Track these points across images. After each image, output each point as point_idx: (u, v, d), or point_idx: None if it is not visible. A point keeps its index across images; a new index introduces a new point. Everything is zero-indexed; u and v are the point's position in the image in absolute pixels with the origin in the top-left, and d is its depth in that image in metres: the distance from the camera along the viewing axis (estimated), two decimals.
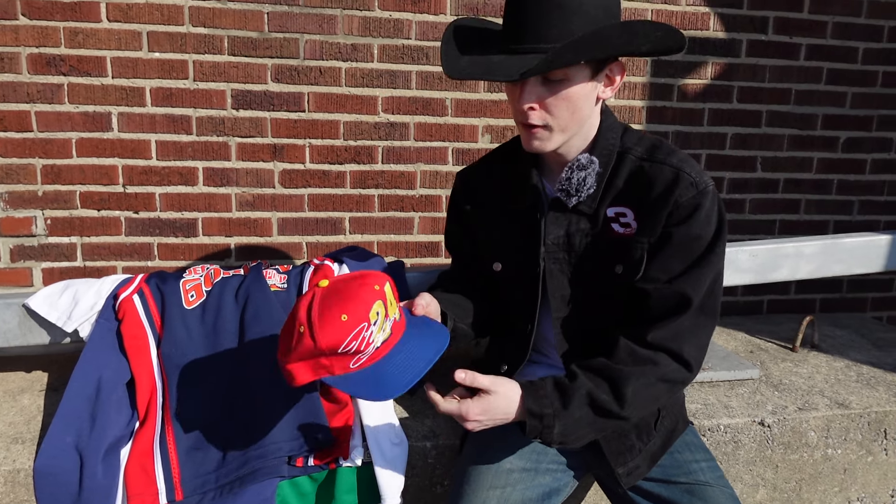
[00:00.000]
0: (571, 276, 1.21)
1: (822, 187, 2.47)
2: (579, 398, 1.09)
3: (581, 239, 1.19)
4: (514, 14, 1.07)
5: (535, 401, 1.08)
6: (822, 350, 2.05)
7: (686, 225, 1.11)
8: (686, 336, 1.13)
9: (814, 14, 2.31)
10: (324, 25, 2.03)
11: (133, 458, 1.36)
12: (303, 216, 2.16)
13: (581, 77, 1.07)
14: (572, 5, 1.03)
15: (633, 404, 1.10)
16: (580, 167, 1.15)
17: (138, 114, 2.00)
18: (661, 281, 1.13)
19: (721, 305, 2.42)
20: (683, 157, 1.15)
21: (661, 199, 1.12)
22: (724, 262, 1.18)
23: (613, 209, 1.17)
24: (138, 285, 1.57)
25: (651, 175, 1.13)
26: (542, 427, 1.07)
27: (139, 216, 2.07)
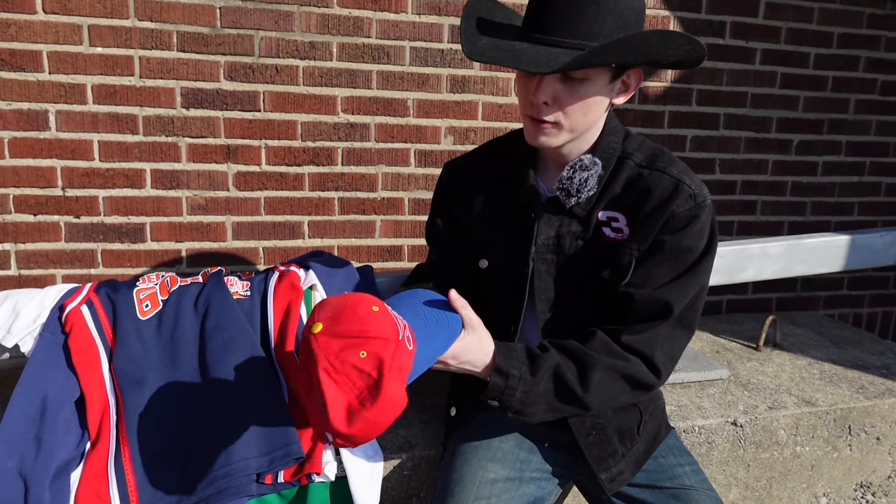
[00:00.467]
0: (558, 278, 1.17)
1: (776, 189, 2.52)
2: (546, 370, 1.07)
3: (571, 241, 1.16)
4: (545, 2, 1.01)
5: (506, 359, 1.06)
6: (785, 349, 2.09)
7: (679, 235, 1.09)
8: (660, 343, 1.11)
9: (768, 19, 2.36)
10: (280, 22, 1.94)
11: (85, 481, 1.25)
12: (259, 220, 2.06)
13: (601, 80, 1.03)
14: (609, 4, 0.98)
15: (595, 392, 1.08)
16: (583, 168, 1.12)
17: (79, 112, 1.86)
18: (646, 287, 1.11)
19: None
20: (684, 167, 1.13)
21: (658, 208, 1.09)
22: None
23: (606, 213, 1.14)
24: (87, 295, 1.44)
25: (650, 183, 1.11)
26: (505, 387, 1.05)
27: (80, 221, 1.93)
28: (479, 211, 1.25)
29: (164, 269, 2.01)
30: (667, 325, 1.11)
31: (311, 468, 1.29)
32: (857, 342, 2.17)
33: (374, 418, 0.85)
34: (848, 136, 2.53)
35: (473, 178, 1.26)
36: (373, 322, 0.88)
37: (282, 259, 2.10)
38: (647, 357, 1.10)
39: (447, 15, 2.06)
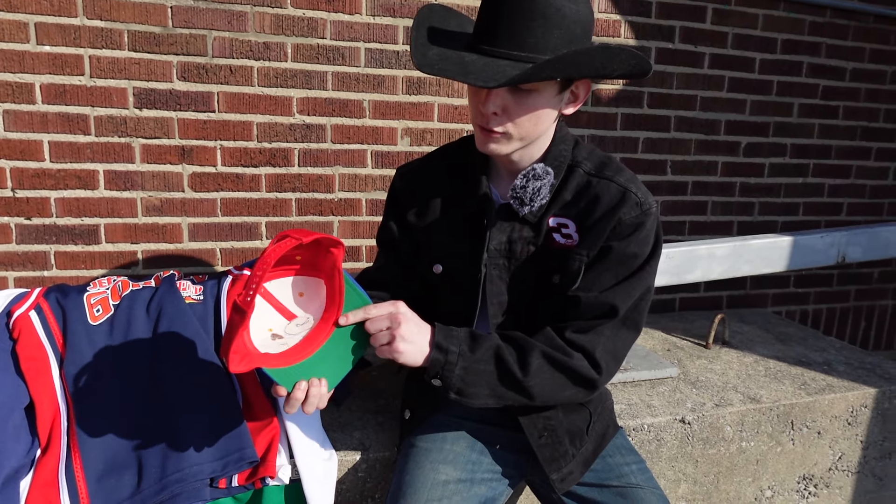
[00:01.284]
0: (510, 283, 1.20)
1: (726, 190, 2.60)
2: (487, 349, 1.10)
3: (523, 247, 1.19)
4: (494, 14, 1.03)
5: (445, 337, 1.09)
6: (733, 346, 2.16)
7: (626, 242, 1.13)
8: (602, 341, 1.14)
9: (716, 25, 2.43)
10: (233, 22, 1.93)
11: (35, 489, 1.23)
12: (216, 221, 2.04)
13: (549, 92, 1.06)
14: (556, 18, 1.00)
15: (534, 377, 1.10)
16: (536, 177, 1.14)
17: (27, 112, 1.82)
18: (593, 291, 1.15)
19: None
20: (630, 176, 1.17)
21: (606, 216, 1.13)
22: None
23: (556, 220, 1.17)
24: (35, 300, 1.42)
25: (598, 191, 1.14)
26: (445, 362, 1.07)
27: (32, 223, 1.89)
28: (432, 216, 1.26)
29: (121, 271, 1.98)
30: (611, 325, 1.15)
31: (265, 472, 1.30)
32: (801, 339, 2.26)
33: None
34: (792, 138, 2.63)
35: (426, 184, 1.28)
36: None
37: (239, 260, 2.08)
38: (589, 352, 1.13)
39: (402, 17, 2.07)
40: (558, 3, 1.00)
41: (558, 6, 1.00)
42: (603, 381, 1.17)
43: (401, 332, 1.05)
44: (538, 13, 0.99)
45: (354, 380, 1.71)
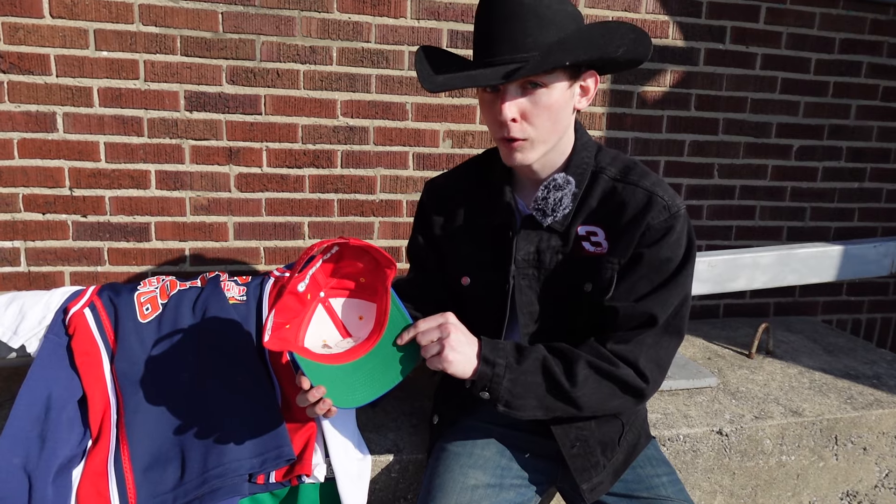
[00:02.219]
0: (540, 293, 1.21)
1: (775, 194, 2.53)
2: (534, 360, 1.11)
3: (551, 256, 1.19)
4: (489, 26, 1.06)
5: (492, 350, 1.10)
6: (777, 356, 2.11)
7: (657, 247, 1.12)
8: (645, 350, 1.14)
9: (769, 24, 2.36)
10: (281, 27, 1.97)
11: (86, 478, 1.30)
12: (260, 220, 2.10)
13: (560, 86, 1.07)
14: (548, 15, 1.02)
15: (582, 388, 1.10)
16: (556, 187, 1.15)
17: (85, 114, 1.91)
18: (629, 300, 1.14)
19: None
20: (656, 179, 1.16)
21: (633, 221, 1.12)
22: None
23: (585, 228, 1.16)
24: (90, 298, 1.50)
25: (624, 196, 1.14)
26: (493, 374, 1.08)
27: (88, 220, 1.98)
28: (459, 229, 1.28)
29: (169, 267, 2.06)
30: (652, 334, 1.13)
31: (302, 470, 1.34)
32: (850, 350, 2.19)
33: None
34: (848, 141, 2.53)
35: (453, 197, 1.30)
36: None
37: (282, 259, 2.14)
38: (632, 363, 1.13)
39: (446, 20, 2.08)
40: (542, 6, 1.02)
41: (548, 3, 1.02)
42: (650, 391, 1.16)
43: (450, 341, 1.07)
44: (530, 13, 1.02)
45: None
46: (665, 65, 2.31)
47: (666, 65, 2.31)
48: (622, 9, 2.22)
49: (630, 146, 2.34)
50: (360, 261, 1.18)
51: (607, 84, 2.27)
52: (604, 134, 2.31)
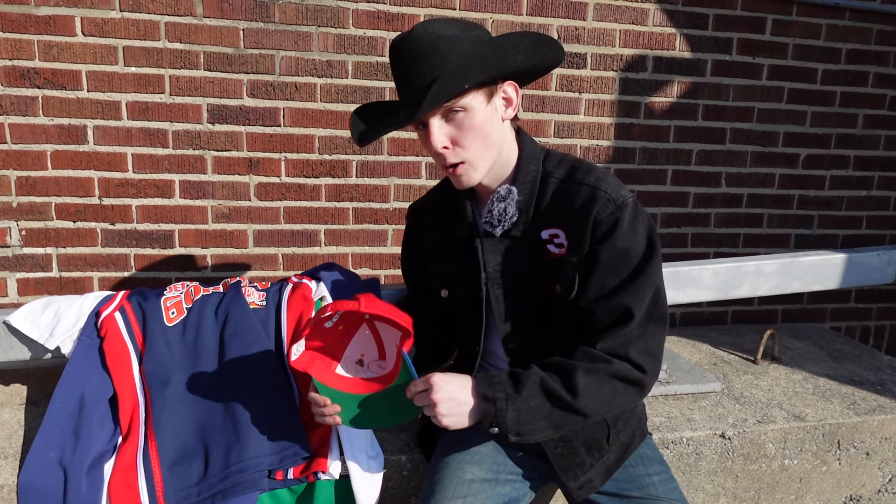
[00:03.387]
0: (516, 298, 1.26)
1: (783, 202, 2.57)
2: (532, 385, 1.12)
3: (520, 263, 1.24)
4: (400, 74, 1.14)
5: (489, 386, 1.12)
6: (782, 362, 2.14)
7: (611, 240, 1.15)
8: (634, 342, 1.15)
9: (776, 36, 2.40)
10: (299, 42, 2.06)
11: (117, 472, 1.38)
12: (278, 228, 2.18)
13: (478, 105, 1.13)
14: (446, 47, 1.09)
15: (585, 396, 1.12)
16: (500, 199, 1.21)
17: (114, 127, 2.00)
18: (602, 296, 1.17)
19: (687, 317, 2.50)
20: (601, 174, 1.19)
21: (582, 218, 1.16)
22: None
23: (547, 231, 1.21)
24: (120, 303, 1.58)
25: (571, 195, 1.19)
26: (496, 411, 1.10)
27: (115, 228, 2.08)
28: (434, 246, 1.37)
29: (191, 273, 2.15)
30: (637, 325, 1.15)
31: (318, 467, 1.41)
32: (856, 357, 2.22)
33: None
34: (856, 150, 2.56)
35: (428, 217, 1.39)
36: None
37: (299, 265, 2.22)
38: (624, 357, 1.15)
39: None
40: (444, 38, 1.09)
41: (444, 40, 1.09)
42: (649, 379, 1.17)
43: (439, 406, 1.11)
44: (430, 51, 1.09)
45: None
46: (672, 76, 2.36)
47: (673, 76, 2.36)
48: (629, 22, 2.28)
49: (638, 155, 2.39)
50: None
51: (615, 95, 2.33)
52: (612, 144, 2.36)
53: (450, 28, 1.11)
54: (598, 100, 2.32)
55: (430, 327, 1.44)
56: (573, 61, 2.27)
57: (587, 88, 2.30)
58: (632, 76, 2.33)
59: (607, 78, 2.31)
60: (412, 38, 1.11)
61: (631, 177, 2.41)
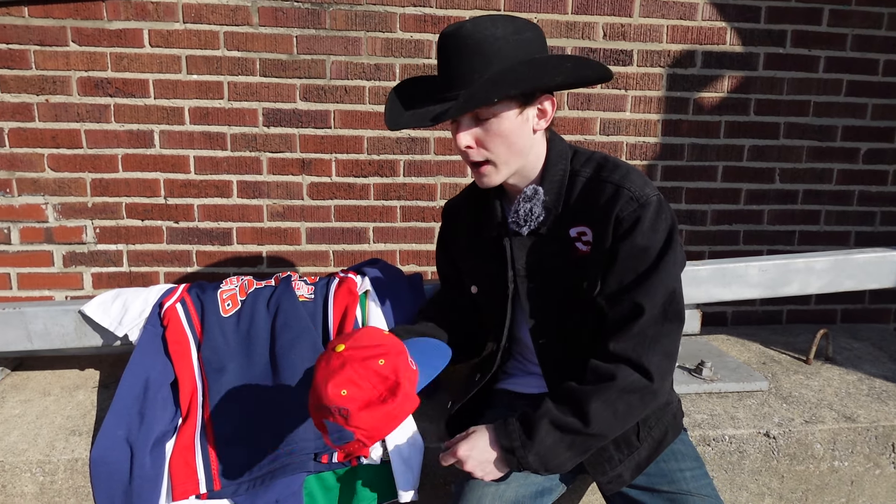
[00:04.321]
0: (543, 294, 1.29)
1: (842, 198, 2.48)
2: (543, 426, 1.16)
3: (549, 259, 1.27)
4: (443, 65, 1.18)
5: (505, 436, 1.18)
6: (837, 363, 2.08)
7: (631, 237, 1.16)
8: (648, 344, 1.16)
9: (833, 27, 2.33)
10: (349, 47, 2.14)
11: (176, 451, 1.49)
12: (329, 226, 2.28)
13: (508, 112, 1.15)
14: (489, 51, 1.11)
15: (598, 421, 1.15)
16: (526, 199, 1.24)
17: (178, 131, 2.14)
18: (616, 293, 1.18)
19: (739, 316, 2.45)
20: (626, 172, 1.20)
21: (606, 215, 1.18)
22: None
23: (575, 229, 1.23)
24: (181, 295, 1.70)
25: (597, 192, 1.20)
26: (517, 459, 1.17)
27: (179, 226, 2.21)
28: (465, 243, 1.41)
29: (247, 268, 2.26)
30: (652, 325, 1.16)
31: (360, 451, 1.47)
32: None
33: (393, 412, 1.04)
34: None
35: (461, 215, 1.43)
36: (388, 339, 1.11)
37: (349, 261, 2.31)
38: (636, 362, 1.16)
39: None
40: (490, 39, 1.10)
41: (489, 42, 1.10)
42: (659, 383, 1.17)
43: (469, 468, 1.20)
44: (474, 51, 1.11)
45: (443, 376, 1.86)
46: (722, 70, 2.32)
47: (723, 70, 2.32)
48: (677, 17, 2.26)
49: (686, 152, 2.37)
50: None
51: (661, 91, 2.31)
52: (659, 140, 2.35)
53: (501, 27, 1.13)
54: (645, 96, 2.31)
55: (461, 321, 1.48)
56: (619, 58, 2.27)
57: (633, 85, 2.29)
58: (680, 72, 2.31)
59: (654, 74, 2.30)
60: (460, 34, 1.13)
61: (679, 173, 2.38)
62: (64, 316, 1.69)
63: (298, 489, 1.45)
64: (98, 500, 1.42)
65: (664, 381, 1.19)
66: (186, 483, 1.44)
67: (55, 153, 2.10)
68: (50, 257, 2.17)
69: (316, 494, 1.49)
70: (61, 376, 1.89)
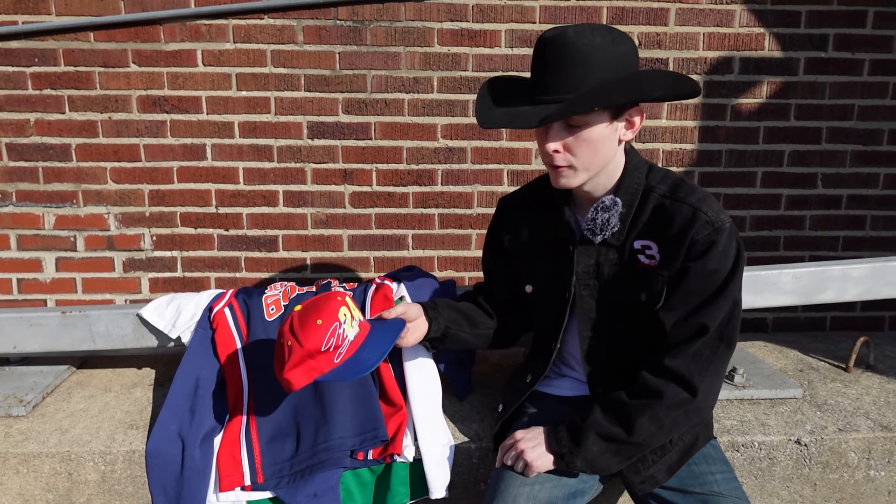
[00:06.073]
0: (599, 301, 1.33)
1: (889, 203, 2.43)
2: (590, 435, 1.25)
3: (610, 268, 1.31)
4: (539, 69, 1.22)
5: (555, 442, 1.28)
6: (879, 371, 2.05)
7: (703, 260, 1.21)
8: (701, 364, 1.22)
9: (878, 29, 2.29)
10: (389, 62, 2.23)
11: (224, 445, 1.59)
12: (370, 233, 2.37)
13: (600, 121, 1.20)
14: (590, 61, 1.16)
15: (642, 432, 1.23)
16: (604, 209, 1.28)
17: (228, 145, 2.27)
18: (681, 312, 1.24)
19: (779, 322, 2.43)
20: (702, 196, 1.24)
21: (679, 236, 1.22)
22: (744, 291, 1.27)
23: (640, 242, 1.28)
24: (229, 300, 1.81)
25: (672, 212, 1.24)
26: (565, 463, 1.27)
27: (229, 233, 2.34)
28: (524, 242, 1.44)
29: (293, 274, 2.38)
30: (708, 345, 1.22)
31: (394, 449, 1.55)
32: None
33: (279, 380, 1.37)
34: None
35: (521, 213, 1.46)
36: (306, 330, 1.30)
37: (389, 267, 2.39)
38: (686, 379, 1.22)
39: None
40: (590, 48, 1.14)
41: (590, 51, 1.14)
42: (704, 401, 1.25)
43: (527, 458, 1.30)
44: (577, 57, 1.15)
45: (476, 378, 1.92)
46: (761, 76, 2.31)
47: (762, 76, 2.31)
48: (714, 24, 2.27)
49: (724, 158, 2.37)
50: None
51: (699, 98, 2.31)
52: (696, 147, 2.35)
53: (600, 37, 1.16)
54: (681, 103, 2.32)
55: (491, 315, 1.54)
56: (654, 66, 2.29)
57: None
58: (717, 78, 2.31)
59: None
60: (562, 42, 1.16)
61: (717, 180, 2.38)
62: (124, 319, 1.83)
63: (336, 484, 1.53)
64: (153, 489, 1.54)
65: (709, 399, 1.26)
66: (233, 475, 1.54)
67: (117, 166, 2.26)
68: (111, 263, 2.33)
69: (352, 489, 1.57)
70: (121, 374, 2.03)
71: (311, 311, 1.32)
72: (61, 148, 2.24)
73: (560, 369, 1.51)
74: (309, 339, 1.29)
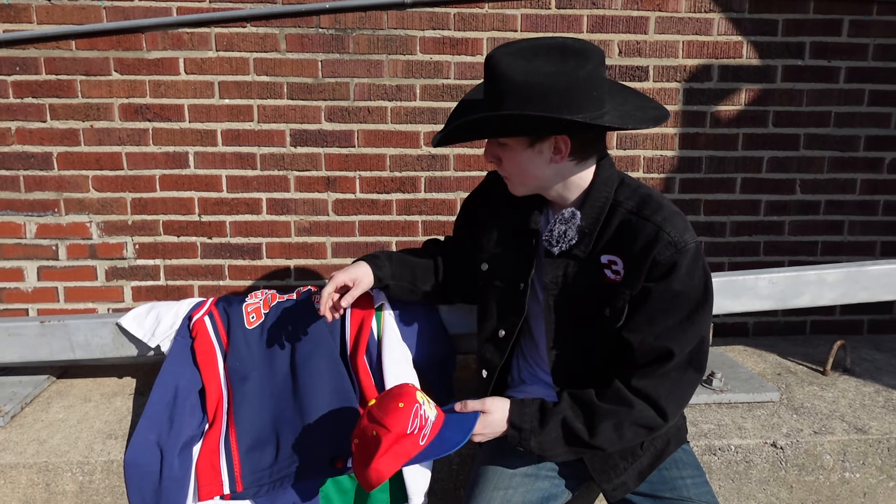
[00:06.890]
0: (566, 312, 1.32)
1: (867, 208, 2.46)
2: (556, 422, 1.23)
3: (575, 277, 1.30)
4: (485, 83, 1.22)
5: (519, 415, 1.25)
6: (855, 374, 2.07)
7: (665, 282, 1.18)
8: (669, 387, 1.21)
9: (853, 37, 2.33)
10: (371, 70, 2.24)
11: (203, 454, 1.59)
12: (354, 240, 2.38)
13: (519, 147, 1.22)
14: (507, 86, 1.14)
15: (601, 437, 1.22)
16: (563, 221, 1.27)
17: (211, 153, 2.27)
18: (646, 333, 1.21)
19: (760, 326, 2.46)
20: (668, 214, 1.21)
21: (642, 254, 1.19)
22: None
23: (607, 256, 1.26)
24: (208, 308, 1.81)
25: (637, 229, 1.21)
26: (520, 438, 1.24)
27: (212, 241, 2.34)
28: (494, 221, 1.43)
29: (276, 281, 2.38)
30: (677, 369, 1.20)
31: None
32: None
33: (364, 477, 1.23)
34: None
35: (504, 193, 1.39)
36: (390, 415, 1.21)
37: None
38: (654, 401, 1.21)
39: None
40: (510, 74, 1.13)
41: (509, 76, 1.13)
42: (669, 422, 1.24)
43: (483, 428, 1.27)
44: (499, 84, 1.16)
45: (457, 384, 1.92)
46: (739, 84, 2.34)
47: (740, 84, 2.34)
48: (693, 32, 2.29)
49: (704, 164, 2.39)
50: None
51: (678, 106, 2.34)
52: (676, 153, 2.38)
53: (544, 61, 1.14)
54: None
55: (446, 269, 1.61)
56: (634, 74, 2.32)
57: None
58: (696, 86, 2.34)
59: (670, 89, 2.33)
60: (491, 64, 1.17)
61: (697, 186, 2.41)
62: (103, 328, 1.83)
63: (315, 491, 1.53)
64: (131, 499, 1.53)
65: (673, 420, 1.26)
66: (211, 484, 1.54)
67: (99, 175, 2.26)
68: (94, 272, 2.33)
69: (332, 497, 1.57)
70: (101, 384, 2.03)
71: (389, 398, 1.26)
72: (43, 156, 2.24)
73: (536, 373, 1.50)
74: (395, 423, 1.20)
